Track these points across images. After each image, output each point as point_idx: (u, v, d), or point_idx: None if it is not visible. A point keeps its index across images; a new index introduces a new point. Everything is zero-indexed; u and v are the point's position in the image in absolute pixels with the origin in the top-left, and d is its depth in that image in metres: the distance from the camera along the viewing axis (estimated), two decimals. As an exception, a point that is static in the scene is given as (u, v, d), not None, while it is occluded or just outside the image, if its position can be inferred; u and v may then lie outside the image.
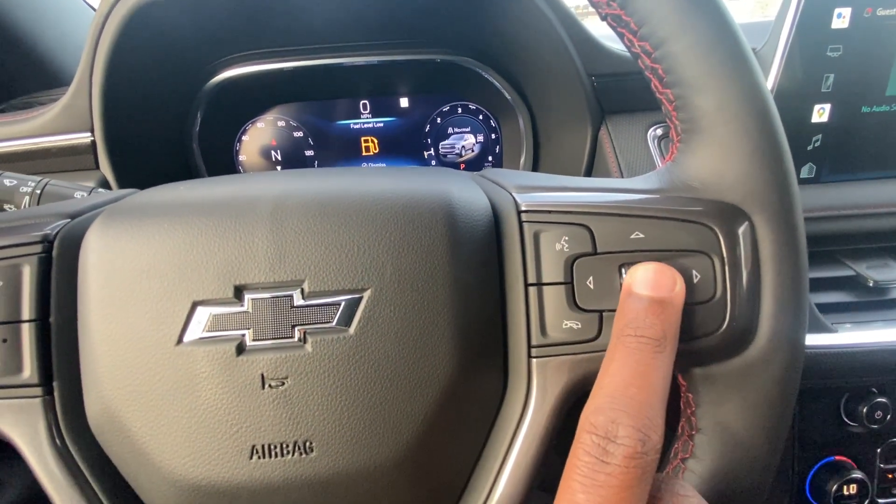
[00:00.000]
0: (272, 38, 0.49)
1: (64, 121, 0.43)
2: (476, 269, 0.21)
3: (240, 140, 0.56)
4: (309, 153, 0.57)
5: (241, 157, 0.57)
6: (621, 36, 0.22)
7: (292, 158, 0.57)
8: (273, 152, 0.57)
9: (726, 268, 0.20)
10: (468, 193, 0.22)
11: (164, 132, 0.50)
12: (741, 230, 0.21)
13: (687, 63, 0.20)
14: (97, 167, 0.45)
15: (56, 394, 0.21)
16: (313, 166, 0.58)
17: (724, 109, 0.20)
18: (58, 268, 0.21)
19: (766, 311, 0.21)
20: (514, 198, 0.22)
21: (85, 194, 0.33)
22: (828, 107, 0.44)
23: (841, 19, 0.41)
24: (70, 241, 0.21)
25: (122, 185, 0.45)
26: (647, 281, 0.19)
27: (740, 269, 0.20)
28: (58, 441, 0.20)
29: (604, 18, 0.22)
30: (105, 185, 0.45)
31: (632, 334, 0.18)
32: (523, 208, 0.22)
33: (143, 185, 0.35)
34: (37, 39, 0.59)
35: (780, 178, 0.20)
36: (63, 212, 0.23)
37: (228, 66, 0.50)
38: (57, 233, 0.21)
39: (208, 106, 0.52)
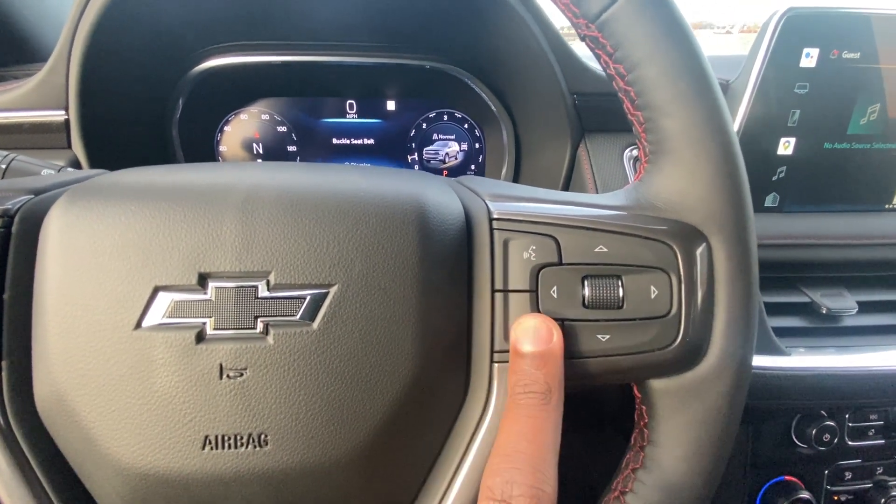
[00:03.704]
0: (262, 30, 0.48)
1: (38, 97, 0.42)
2: (445, 272, 0.21)
3: (221, 130, 0.56)
4: (292, 149, 0.57)
5: (222, 148, 0.56)
6: (598, 57, 0.23)
7: (274, 153, 0.57)
8: (255, 145, 0.56)
9: (683, 285, 0.21)
10: (443, 198, 0.23)
11: (142, 116, 0.49)
12: (699, 251, 0.22)
13: (657, 88, 0.21)
14: (69, 146, 0.43)
15: (3, 373, 0.20)
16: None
17: (689, 134, 0.21)
18: (16, 244, 0.20)
19: (718, 329, 0.21)
20: (487, 205, 0.23)
21: (53, 172, 0.32)
22: (793, 140, 0.46)
23: (809, 59, 0.44)
24: (32, 217, 0.21)
25: (93, 167, 0.44)
26: (527, 337, 0.20)
27: (696, 287, 0.21)
28: (1, 422, 0.20)
29: (583, 39, 0.23)
30: (76, 164, 0.44)
31: (521, 391, 0.20)
32: (495, 216, 0.22)
33: (115, 168, 0.34)
34: (15, 13, 0.57)
35: (737, 204, 0.22)
36: (27, 187, 0.23)
37: (215, 54, 0.50)
38: (18, 208, 0.21)
39: (191, 93, 0.51)
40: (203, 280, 0.19)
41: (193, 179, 0.22)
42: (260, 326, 0.19)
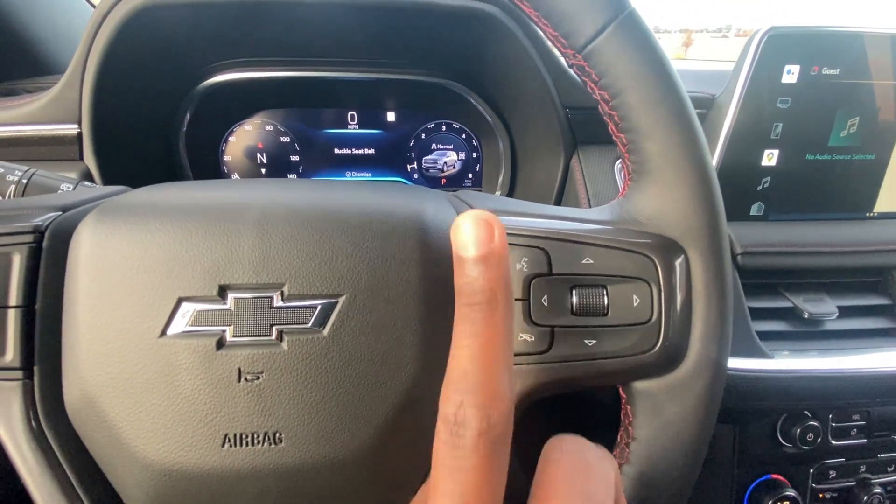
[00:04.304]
0: (266, 47, 0.50)
1: (52, 111, 0.43)
2: (444, 282, 0.23)
3: (226, 141, 0.57)
4: (294, 158, 0.59)
5: (227, 158, 0.58)
6: (584, 83, 0.25)
7: (277, 162, 0.58)
8: (259, 155, 0.58)
9: (662, 294, 0.23)
10: (441, 212, 0.24)
11: (151, 129, 0.51)
12: (677, 262, 0.23)
13: (638, 113, 0.23)
14: (81, 158, 0.45)
15: (35, 378, 0.21)
16: (298, 171, 0.59)
17: (668, 156, 0.23)
18: (46, 258, 0.22)
19: (696, 334, 0.23)
20: None
21: (70, 186, 0.34)
22: (776, 152, 0.48)
23: (790, 75, 0.46)
24: (60, 233, 0.22)
25: (105, 178, 0.45)
26: (466, 240, 0.18)
27: (675, 296, 0.23)
28: (33, 424, 0.21)
29: (570, 67, 0.25)
30: (88, 176, 0.45)
31: (465, 303, 0.18)
32: None
33: (126, 178, 0.36)
34: (26, 27, 0.59)
35: (712, 220, 0.23)
36: (54, 204, 0.24)
37: (221, 70, 0.51)
38: (48, 224, 0.23)
39: (198, 107, 0.53)
40: (223, 291, 0.21)
41: (211, 197, 0.23)
42: (275, 333, 0.21)
